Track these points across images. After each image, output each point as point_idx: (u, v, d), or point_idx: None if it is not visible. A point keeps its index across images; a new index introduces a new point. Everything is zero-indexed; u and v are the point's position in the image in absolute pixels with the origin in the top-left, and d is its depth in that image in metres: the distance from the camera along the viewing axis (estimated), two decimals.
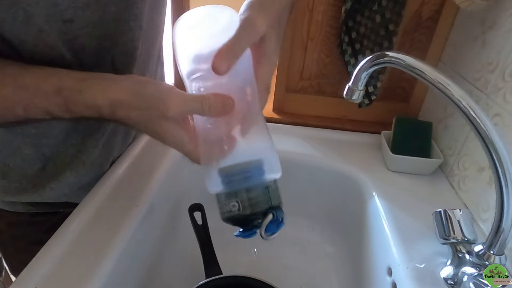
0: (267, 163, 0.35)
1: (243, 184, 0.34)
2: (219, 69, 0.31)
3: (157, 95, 0.34)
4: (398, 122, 0.69)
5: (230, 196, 0.34)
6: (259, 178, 0.35)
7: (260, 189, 0.34)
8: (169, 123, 0.35)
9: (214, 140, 0.36)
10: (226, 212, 0.34)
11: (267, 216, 0.34)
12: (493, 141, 0.35)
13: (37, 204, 0.56)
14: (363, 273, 0.60)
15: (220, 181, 0.34)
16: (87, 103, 0.35)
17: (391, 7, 0.65)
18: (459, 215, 0.45)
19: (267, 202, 0.34)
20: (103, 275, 0.43)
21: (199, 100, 0.34)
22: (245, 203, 0.34)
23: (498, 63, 0.53)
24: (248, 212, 0.34)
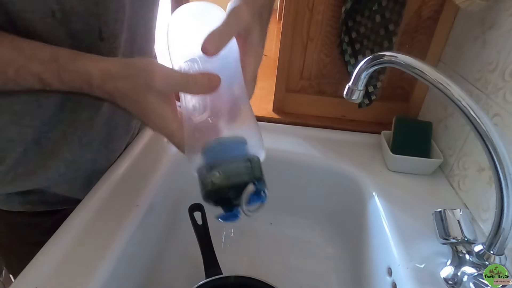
0: (251, 143, 0.35)
1: (225, 156, 0.34)
2: (209, 50, 0.33)
3: (144, 65, 0.35)
4: (398, 122, 0.69)
5: (212, 168, 0.34)
6: (241, 152, 0.35)
7: (242, 161, 0.34)
8: (155, 97, 0.35)
9: (200, 124, 0.36)
10: (207, 185, 0.34)
11: (248, 186, 0.33)
12: (493, 141, 0.35)
13: (36, 202, 0.56)
14: (363, 273, 0.60)
15: (201, 157, 0.34)
16: (79, 71, 0.36)
17: (391, 7, 0.65)
18: (459, 215, 0.45)
19: (249, 174, 0.34)
20: (103, 275, 0.43)
21: (185, 75, 0.35)
22: (226, 173, 0.33)
23: (498, 63, 0.53)
24: (229, 182, 0.33)
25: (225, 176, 0.33)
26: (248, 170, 0.34)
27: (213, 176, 0.33)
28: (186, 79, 0.35)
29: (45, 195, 0.55)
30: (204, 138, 0.35)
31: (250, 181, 0.33)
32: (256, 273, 0.54)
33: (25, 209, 0.56)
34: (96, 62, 0.36)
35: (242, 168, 0.34)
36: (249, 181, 0.33)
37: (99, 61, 0.37)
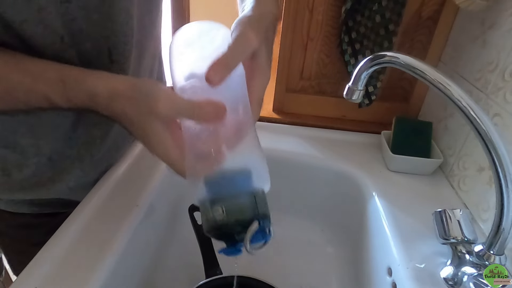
0: (256, 173, 0.34)
1: (228, 190, 0.33)
2: (213, 80, 0.32)
3: (149, 89, 0.34)
4: (398, 122, 0.69)
5: (215, 202, 0.32)
6: (246, 185, 0.33)
7: (247, 196, 0.33)
8: (158, 123, 0.34)
9: (202, 152, 0.34)
10: (209, 220, 0.33)
11: (252, 224, 0.32)
12: (493, 141, 0.35)
13: (41, 204, 0.56)
14: (363, 273, 0.60)
15: (205, 189, 0.33)
16: (86, 90, 0.35)
17: (391, 7, 0.65)
18: (459, 215, 0.45)
19: (253, 210, 0.32)
20: (103, 275, 0.43)
21: (191, 103, 0.33)
22: (230, 209, 0.32)
23: (498, 63, 0.53)
24: (232, 219, 0.32)
25: (229, 213, 0.32)
26: (253, 206, 0.33)
27: (216, 212, 0.32)
28: (191, 107, 0.33)
29: (52, 200, 0.56)
30: (207, 165, 0.34)
31: (254, 218, 0.32)
32: (256, 273, 0.54)
33: (31, 211, 0.57)
34: (103, 80, 0.36)
35: (247, 204, 0.32)
36: (253, 218, 0.32)
37: (106, 79, 0.36)
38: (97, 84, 0.35)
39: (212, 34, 0.37)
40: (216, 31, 0.37)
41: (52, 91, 0.36)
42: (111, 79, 0.36)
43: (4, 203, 0.56)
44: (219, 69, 0.32)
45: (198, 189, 0.33)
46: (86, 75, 0.36)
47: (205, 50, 0.36)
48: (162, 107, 0.33)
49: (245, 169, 0.34)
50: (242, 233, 0.32)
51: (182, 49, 0.38)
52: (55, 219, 0.51)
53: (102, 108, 0.36)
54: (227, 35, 0.36)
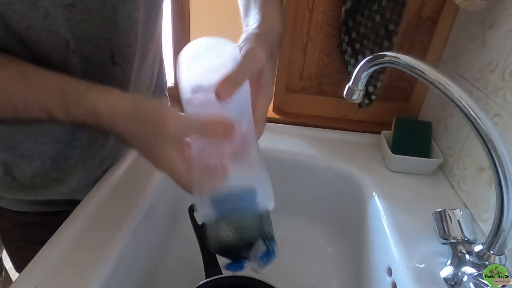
0: (260, 192, 0.35)
1: (235, 211, 0.33)
2: (222, 95, 0.32)
3: (158, 112, 0.34)
4: (398, 122, 0.69)
5: (222, 223, 0.33)
6: (252, 206, 0.34)
7: (253, 218, 0.34)
8: (166, 142, 0.34)
9: (208, 168, 0.35)
10: (217, 240, 0.34)
11: (260, 246, 0.33)
12: (493, 141, 0.35)
13: (43, 203, 0.56)
14: (363, 273, 0.60)
15: (211, 209, 0.34)
16: (87, 107, 0.35)
17: (391, 7, 0.65)
18: (459, 215, 0.45)
19: (259, 231, 0.34)
20: (103, 275, 0.43)
21: (200, 122, 0.34)
22: (238, 231, 0.33)
23: (498, 63, 0.53)
24: (240, 240, 0.33)
25: (236, 234, 0.33)
26: (259, 227, 0.34)
27: (224, 232, 0.33)
28: (200, 125, 0.34)
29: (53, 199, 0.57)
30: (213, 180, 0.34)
31: (260, 239, 0.33)
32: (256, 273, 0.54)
33: (33, 210, 0.57)
34: (106, 98, 0.35)
35: (253, 224, 0.34)
36: (259, 238, 0.33)
37: (109, 97, 0.35)
38: (97, 102, 0.35)
39: (220, 49, 0.38)
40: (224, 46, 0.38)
41: (52, 105, 0.36)
42: (114, 98, 0.35)
43: (7, 202, 0.56)
44: (229, 85, 0.33)
45: (205, 206, 0.34)
46: (88, 91, 0.36)
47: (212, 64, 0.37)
48: (171, 128, 0.33)
49: (250, 188, 0.34)
50: (247, 252, 0.33)
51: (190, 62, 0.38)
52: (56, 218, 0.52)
53: (104, 125, 0.35)
54: (234, 50, 0.37)
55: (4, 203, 0.56)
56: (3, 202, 0.56)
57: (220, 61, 0.36)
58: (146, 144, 0.35)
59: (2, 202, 0.56)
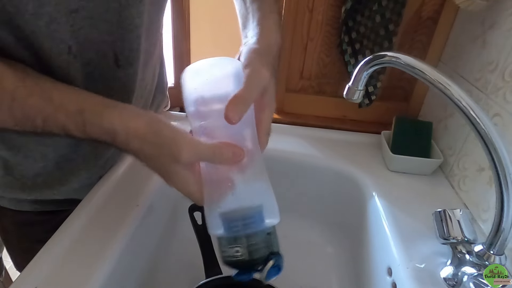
0: (267, 208, 0.37)
1: (245, 231, 0.35)
2: (232, 118, 0.33)
3: (173, 138, 0.35)
4: (398, 122, 0.69)
5: (232, 241, 0.35)
6: (261, 225, 0.36)
7: (262, 235, 0.36)
8: (180, 166, 0.36)
9: (217, 182, 0.37)
10: (228, 257, 0.36)
11: (268, 262, 0.35)
12: (493, 141, 0.35)
13: (44, 202, 0.57)
14: (363, 273, 0.60)
15: (221, 225, 0.36)
16: (104, 127, 0.36)
17: (391, 7, 0.65)
18: (459, 215, 0.45)
19: (268, 248, 0.36)
20: (103, 275, 0.43)
21: (212, 149, 0.35)
22: (248, 250, 0.35)
23: (498, 63, 0.53)
24: (250, 258, 0.35)
25: (246, 253, 0.35)
26: (268, 244, 0.36)
27: (235, 251, 0.35)
28: (212, 152, 0.35)
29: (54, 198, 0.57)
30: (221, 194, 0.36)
31: (269, 256, 0.35)
32: None
33: (33, 209, 0.57)
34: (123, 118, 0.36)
35: (262, 241, 0.36)
36: (268, 256, 0.35)
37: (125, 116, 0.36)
38: (114, 122, 0.35)
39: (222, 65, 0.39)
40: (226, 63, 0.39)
41: (70, 123, 0.36)
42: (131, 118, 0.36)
43: (7, 201, 0.56)
44: (237, 108, 0.33)
45: (214, 220, 0.36)
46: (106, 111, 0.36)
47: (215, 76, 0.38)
48: (185, 155, 0.34)
49: (258, 205, 0.36)
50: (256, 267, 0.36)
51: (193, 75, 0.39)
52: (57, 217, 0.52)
53: (119, 144, 0.36)
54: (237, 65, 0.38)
55: (5, 202, 0.56)
56: (4, 201, 0.56)
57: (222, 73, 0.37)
58: (159, 165, 0.37)
59: (3, 201, 0.57)
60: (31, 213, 0.57)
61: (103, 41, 0.43)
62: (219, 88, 0.37)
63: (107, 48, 0.44)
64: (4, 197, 0.56)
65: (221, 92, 0.36)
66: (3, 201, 0.56)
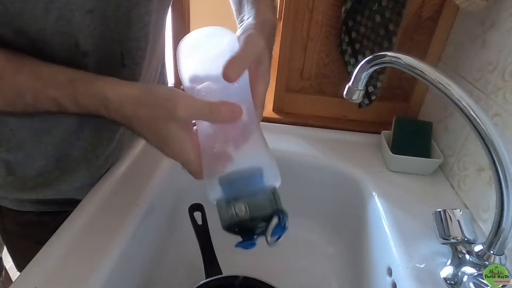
0: (267, 171, 0.36)
1: (246, 189, 0.34)
2: (230, 76, 0.33)
3: (168, 94, 0.35)
4: (398, 122, 0.69)
5: (233, 201, 0.34)
6: (261, 184, 0.35)
7: (263, 194, 0.35)
8: (176, 126, 0.35)
9: (215, 151, 0.36)
10: (230, 219, 0.34)
11: (273, 219, 0.34)
12: (493, 141, 0.35)
13: (45, 202, 0.57)
14: (363, 273, 0.60)
15: (221, 189, 0.35)
16: (96, 95, 0.35)
17: (391, 7, 0.65)
18: (459, 215, 0.45)
19: (271, 206, 0.34)
20: (103, 275, 0.43)
21: (208, 105, 0.34)
22: (249, 208, 0.34)
23: (498, 63, 0.53)
24: (252, 215, 0.34)
25: (251, 210, 0.34)
26: (271, 202, 0.35)
27: (239, 209, 0.34)
28: (209, 108, 0.34)
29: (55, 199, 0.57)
30: (221, 163, 0.35)
31: (274, 213, 0.34)
32: (256, 273, 0.54)
33: (35, 209, 0.57)
34: (115, 85, 0.36)
35: (264, 201, 0.34)
36: (273, 213, 0.34)
37: (118, 85, 0.36)
38: (108, 88, 0.35)
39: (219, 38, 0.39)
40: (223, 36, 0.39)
41: (61, 95, 0.36)
42: (123, 85, 0.36)
43: (9, 202, 0.56)
44: (235, 67, 0.34)
45: (213, 186, 0.35)
46: (97, 79, 0.36)
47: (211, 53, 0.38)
48: (181, 110, 0.34)
49: (258, 167, 0.35)
50: (261, 227, 0.34)
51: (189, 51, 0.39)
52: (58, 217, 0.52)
53: (112, 112, 0.36)
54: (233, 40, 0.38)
55: (7, 202, 0.56)
56: (5, 201, 0.56)
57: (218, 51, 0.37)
58: (155, 128, 0.35)
59: (4, 202, 0.57)
60: (33, 213, 0.57)
61: (113, 40, 0.43)
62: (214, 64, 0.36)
63: (115, 47, 0.44)
64: (6, 198, 0.56)
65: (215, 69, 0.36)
66: (5, 201, 0.56)
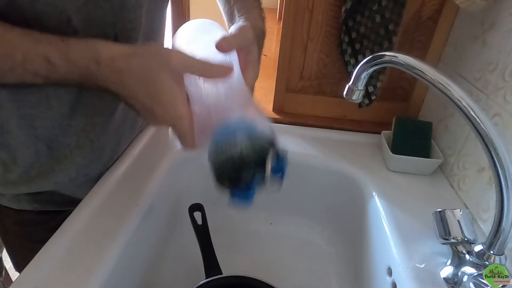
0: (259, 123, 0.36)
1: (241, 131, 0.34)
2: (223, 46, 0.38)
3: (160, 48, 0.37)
4: (398, 122, 0.69)
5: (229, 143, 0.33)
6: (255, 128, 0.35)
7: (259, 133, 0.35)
8: (169, 77, 0.35)
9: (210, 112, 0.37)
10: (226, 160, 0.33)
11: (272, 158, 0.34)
12: (493, 141, 0.35)
13: (42, 201, 0.56)
14: (363, 273, 0.60)
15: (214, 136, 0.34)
16: (88, 48, 0.36)
17: (391, 7, 0.65)
18: (459, 215, 0.45)
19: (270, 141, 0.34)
20: (103, 275, 0.43)
21: (200, 61, 0.37)
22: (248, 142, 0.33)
23: (498, 63, 0.53)
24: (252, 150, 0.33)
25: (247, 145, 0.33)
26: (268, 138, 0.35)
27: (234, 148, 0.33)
28: (202, 63, 0.36)
29: (53, 196, 0.56)
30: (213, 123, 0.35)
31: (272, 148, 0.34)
32: (256, 273, 0.54)
33: (33, 208, 0.57)
34: (107, 43, 0.37)
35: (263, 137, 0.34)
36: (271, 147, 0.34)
37: (111, 43, 0.37)
38: (99, 43, 0.36)
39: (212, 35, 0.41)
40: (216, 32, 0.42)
41: (52, 50, 0.36)
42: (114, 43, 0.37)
43: (7, 200, 0.56)
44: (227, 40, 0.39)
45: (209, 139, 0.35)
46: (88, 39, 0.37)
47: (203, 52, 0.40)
48: (175, 61, 0.35)
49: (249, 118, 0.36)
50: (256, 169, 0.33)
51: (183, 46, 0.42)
52: (57, 217, 0.52)
53: (103, 67, 0.36)
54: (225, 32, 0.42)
55: (5, 201, 0.56)
56: (4, 200, 0.56)
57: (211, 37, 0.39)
58: (147, 80, 0.36)
59: (3, 200, 0.56)
60: (32, 212, 0.57)
61: (105, 22, 0.43)
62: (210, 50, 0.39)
63: (108, 30, 0.44)
64: (4, 195, 0.56)
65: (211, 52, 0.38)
66: (3, 199, 0.56)
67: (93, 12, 0.41)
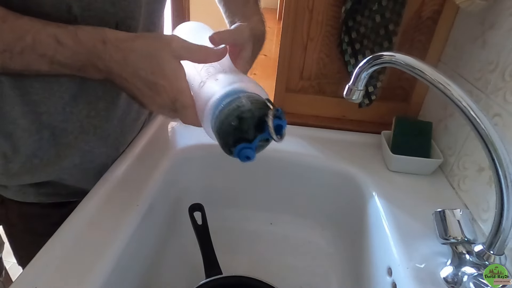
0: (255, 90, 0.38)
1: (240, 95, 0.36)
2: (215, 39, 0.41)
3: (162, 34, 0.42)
4: (398, 122, 0.69)
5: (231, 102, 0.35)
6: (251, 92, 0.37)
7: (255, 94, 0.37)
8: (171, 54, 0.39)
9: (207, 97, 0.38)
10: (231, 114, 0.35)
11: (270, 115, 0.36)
12: (493, 141, 0.35)
13: (48, 194, 0.56)
14: (363, 273, 0.60)
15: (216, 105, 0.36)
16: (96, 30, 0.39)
17: (391, 7, 0.65)
18: (459, 215, 0.45)
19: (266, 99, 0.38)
20: (103, 275, 0.43)
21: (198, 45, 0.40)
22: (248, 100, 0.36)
23: (498, 63, 0.53)
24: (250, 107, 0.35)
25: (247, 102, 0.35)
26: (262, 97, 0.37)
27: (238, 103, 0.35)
28: (199, 46, 0.40)
29: (58, 187, 0.57)
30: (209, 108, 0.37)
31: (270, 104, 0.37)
32: (256, 273, 0.54)
33: (38, 200, 0.57)
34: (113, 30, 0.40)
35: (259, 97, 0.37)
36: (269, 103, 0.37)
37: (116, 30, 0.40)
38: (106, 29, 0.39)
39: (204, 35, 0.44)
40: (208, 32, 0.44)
41: (61, 32, 0.38)
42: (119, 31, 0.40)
43: (12, 192, 0.56)
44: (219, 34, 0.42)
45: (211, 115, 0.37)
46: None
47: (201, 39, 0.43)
48: (176, 43, 0.39)
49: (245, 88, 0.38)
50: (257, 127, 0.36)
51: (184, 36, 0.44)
52: (61, 210, 0.52)
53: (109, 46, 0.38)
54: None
55: (9, 193, 0.56)
56: (9, 192, 0.56)
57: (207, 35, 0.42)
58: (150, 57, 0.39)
59: (8, 192, 0.56)
60: (36, 205, 0.57)
61: (105, 10, 0.44)
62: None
63: (109, 19, 0.45)
64: (8, 188, 0.55)
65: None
66: (8, 192, 0.56)
67: (93, 0, 0.42)
